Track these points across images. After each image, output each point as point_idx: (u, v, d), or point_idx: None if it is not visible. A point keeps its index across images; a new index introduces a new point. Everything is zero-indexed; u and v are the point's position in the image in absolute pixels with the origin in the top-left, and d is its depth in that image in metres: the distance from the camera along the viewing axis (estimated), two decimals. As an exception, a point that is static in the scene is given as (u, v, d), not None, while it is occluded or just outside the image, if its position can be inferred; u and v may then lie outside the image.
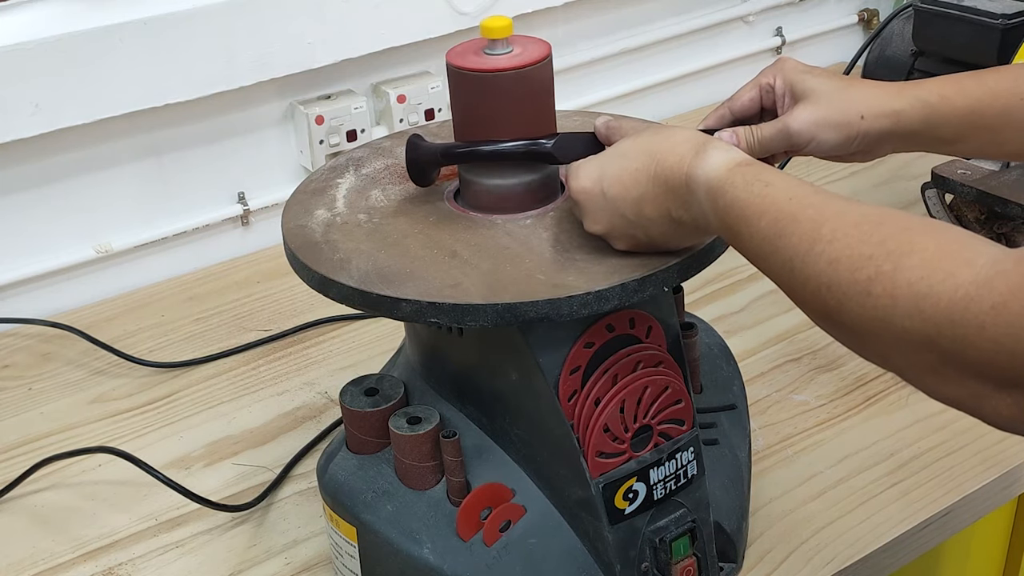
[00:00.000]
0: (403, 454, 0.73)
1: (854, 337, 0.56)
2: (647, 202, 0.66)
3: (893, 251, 0.53)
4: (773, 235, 0.59)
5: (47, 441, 1.00)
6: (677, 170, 0.65)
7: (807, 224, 0.57)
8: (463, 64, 0.73)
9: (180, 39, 1.17)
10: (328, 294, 0.70)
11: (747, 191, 0.61)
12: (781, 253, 0.58)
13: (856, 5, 1.77)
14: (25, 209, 1.19)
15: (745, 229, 0.61)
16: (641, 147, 0.67)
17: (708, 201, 0.63)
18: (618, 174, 0.67)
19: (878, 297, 0.52)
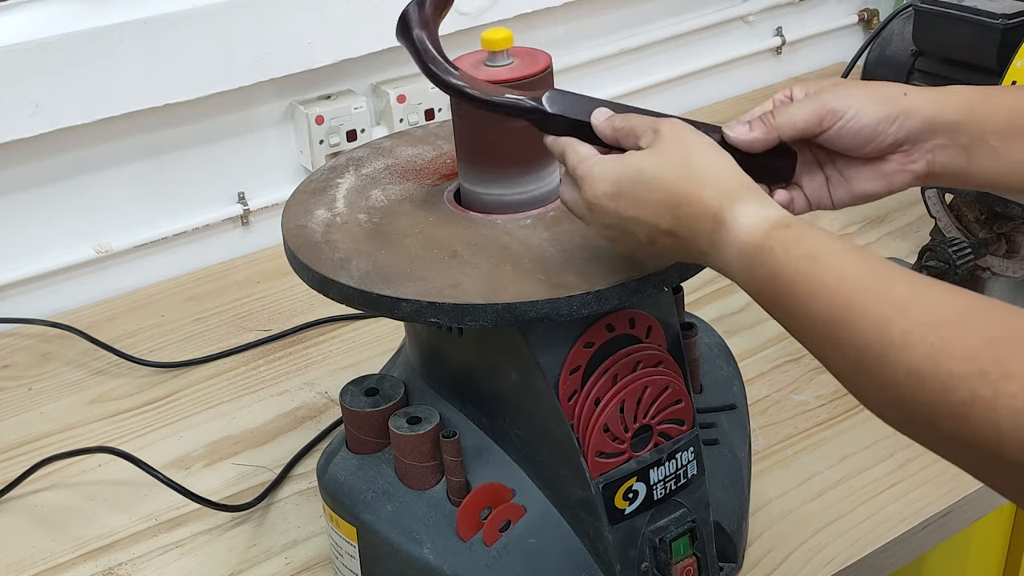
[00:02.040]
0: (403, 454, 0.73)
1: (948, 453, 0.50)
2: (664, 235, 0.62)
3: (987, 373, 0.47)
4: (829, 323, 0.53)
5: (47, 441, 1.00)
6: (702, 220, 0.60)
7: (870, 320, 0.51)
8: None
9: (180, 39, 1.17)
10: (328, 294, 0.70)
11: (789, 265, 0.55)
12: (844, 349, 0.52)
13: (856, 5, 1.77)
14: (25, 209, 1.19)
15: (793, 309, 0.55)
16: (664, 179, 0.62)
17: (739, 263, 0.58)
18: (635, 197, 0.62)
19: (978, 424, 0.47)
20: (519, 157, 0.74)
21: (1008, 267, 1.04)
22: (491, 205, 0.75)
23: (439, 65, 0.68)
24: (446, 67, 0.68)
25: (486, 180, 0.75)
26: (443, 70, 0.68)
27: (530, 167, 0.75)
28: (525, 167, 0.75)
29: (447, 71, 0.68)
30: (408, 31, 0.69)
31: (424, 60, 0.69)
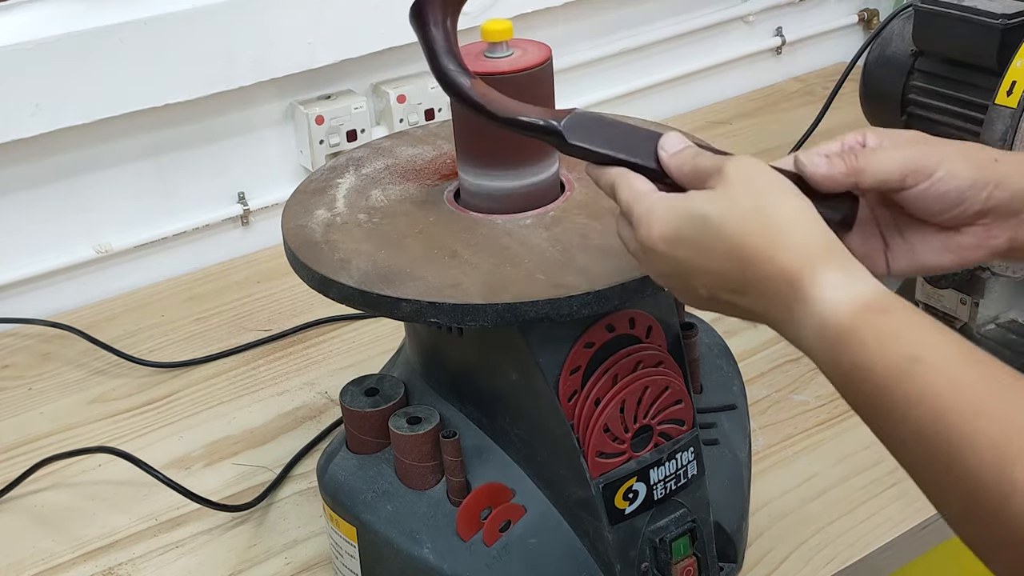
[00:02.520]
0: (403, 454, 0.73)
1: None
2: (729, 293, 0.56)
3: None
4: (933, 445, 0.46)
5: (47, 441, 1.00)
6: (776, 284, 0.52)
7: (988, 452, 0.43)
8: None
9: (180, 39, 1.17)
10: (328, 294, 0.70)
11: (885, 363, 0.47)
12: (952, 480, 0.45)
13: (856, 5, 1.77)
14: (25, 209, 1.19)
15: (887, 414, 0.48)
16: (732, 229, 0.54)
17: (820, 344, 0.51)
18: (697, 246, 0.55)
19: None
20: (519, 146, 0.74)
21: (1008, 267, 1.04)
22: (491, 197, 0.75)
23: (453, 73, 0.64)
24: (461, 75, 0.63)
25: (486, 170, 0.75)
26: (458, 79, 0.63)
27: (530, 156, 0.75)
28: (525, 156, 0.74)
29: (462, 82, 0.63)
30: (424, 25, 0.64)
31: (439, 65, 0.63)
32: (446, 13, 0.65)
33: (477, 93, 0.63)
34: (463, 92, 0.63)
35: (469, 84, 0.63)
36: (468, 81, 0.63)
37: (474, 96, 0.63)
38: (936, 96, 1.11)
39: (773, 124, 1.54)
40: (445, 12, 0.65)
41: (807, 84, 1.67)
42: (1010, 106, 1.01)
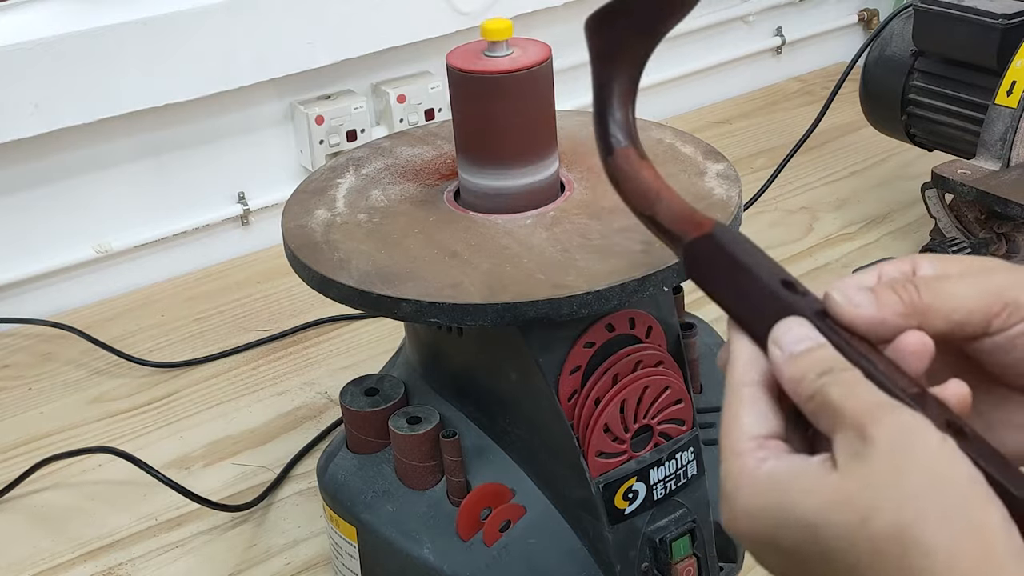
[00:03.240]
0: (403, 454, 0.73)
1: None
2: None
3: None
4: None
5: (47, 441, 1.00)
6: None
7: None
8: (463, 66, 0.73)
9: (180, 39, 1.17)
10: (328, 294, 0.70)
11: None
12: None
13: (856, 5, 1.77)
14: (25, 209, 1.19)
15: None
16: (854, 560, 0.36)
17: None
18: (797, 558, 0.39)
19: None
20: (519, 146, 0.74)
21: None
22: (491, 197, 0.75)
23: (614, 126, 0.53)
24: (620, 133, 0.53)
25: (485, 170, 0.75)
26: (614, 133, 0.53)
27: (530, 157, 0.74)
28: (525, 156, 0.74)
29: (613, 140, 0.52)
30: (607, 58, 0.52)
31: (606, 110, 0.53)
32: (633, 65, 0.53)
33: (617, 165, 0.52)
34: (606, 160, 0.52)
35: (620, 147, 0.52)
36: (621, 144, 0.52)
37: (612, 168, 0.52)
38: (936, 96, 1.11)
39: (773, 124, 1.55)
40: (632, 63, 0.53)
41: (807, 84, 1.67)
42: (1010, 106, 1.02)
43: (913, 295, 0.42)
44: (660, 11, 0.50)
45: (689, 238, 0.49)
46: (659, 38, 0.50)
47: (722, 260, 0.47)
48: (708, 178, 0.77)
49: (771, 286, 0.45)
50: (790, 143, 1.21)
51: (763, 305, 0.45)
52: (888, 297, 0.42)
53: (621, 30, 0.50)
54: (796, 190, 1.36)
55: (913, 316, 0.42)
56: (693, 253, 0.49)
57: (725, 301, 0.46)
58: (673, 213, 0.50)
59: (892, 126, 1.18)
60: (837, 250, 1.23)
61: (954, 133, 1.10)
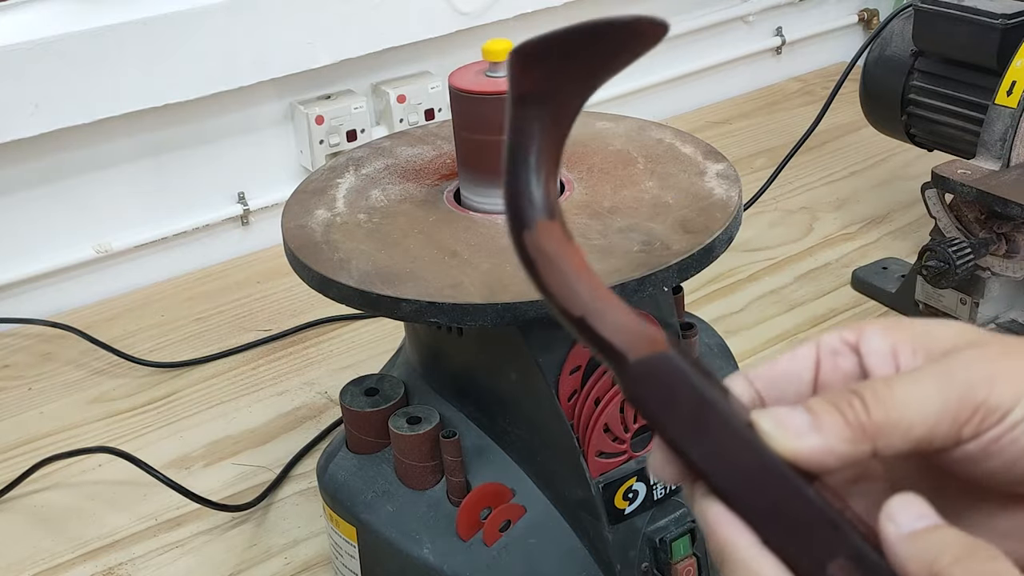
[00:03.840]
0: (403, 454, 0.73)
1: None
2: None
3: None
4: None
5: (47, 441, 1.00)
6: None
7: None
8: (465, 86, 0.73)
9: (180, 39, 1.17)
10: (328, 294, 0.70)
11: None
12: None
13: (856, 5, 1.77)
14: (25, 209, 1.19)
15: None
16: None
17: None
18: None
19: None
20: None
21: (1008, 267, 1.04)
22: (492, 211, 0.75)
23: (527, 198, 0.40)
24: (536, 209, 0.40)
25: (487, 189, 0.75)
26: (527, 210, 0.40)
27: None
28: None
29: (529, 216, 0.40)
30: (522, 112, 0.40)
31: (517, 176, 0.40)
32: (564, 116, 0.41)
33: (538, 245, 0.40)
34: (519, 236, 0.40)
35: (541, 220, 0.40)
36: (542, 217, 0.40)
37: (528, 248, 0.40)
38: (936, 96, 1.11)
39: (773, 124, 1.55)
40: (564, 113, 0.41)
41: (807, 84, 1.67)
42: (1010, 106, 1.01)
43: (861, 415, 0.35)
44: (611, 52, 0.39)
45: (637, 355, 0.38)
46: (598, 85, 0.40)
47: (681, 389, 0.38)
48: (708, 178, 0.77)
49: (741, 431, 0.36)
50: (790, 143, 1.21)
51: (734, 454, 0.36)
52: (830, 419, 0.35)
53: (558, 70, 0.40)
54: (796, 190, 1.36)
55: (864, 440, 0.35)
56: (640, 376, 0.38)
57: (680, 441, 0.37)
58: (613, 319, 0.40)
59: (892, 126, 1.18)
60: (837, 250, 1.23)
61: (954, 133, 1.10)
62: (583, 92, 0.40)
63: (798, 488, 0.35)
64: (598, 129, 0.86)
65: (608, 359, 0.39)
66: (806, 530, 0.35)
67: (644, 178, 0.78)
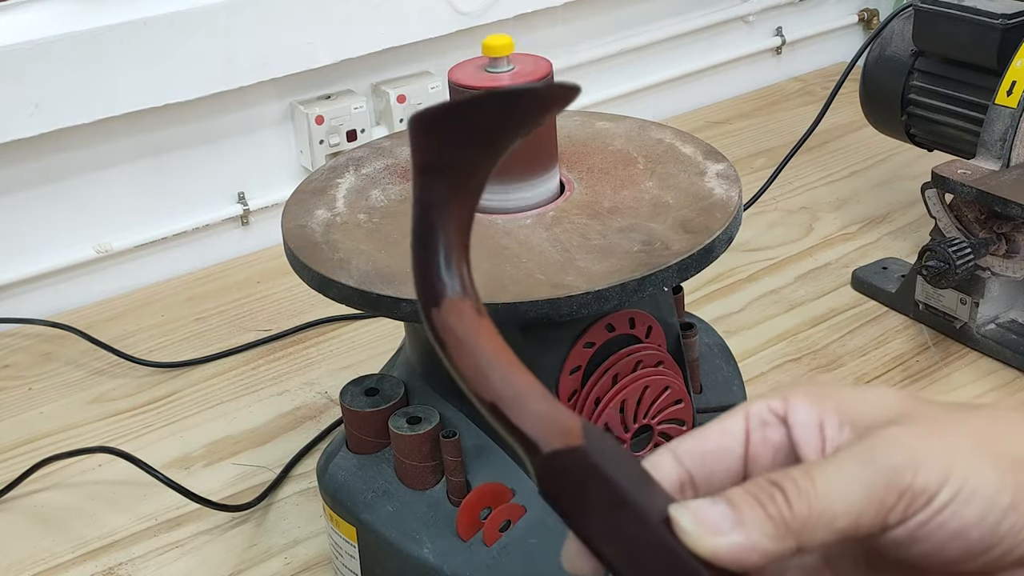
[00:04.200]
0: (403, 454, 0.73)
1: None
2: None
3: None
4: None
5: (47, 441, 1.00)
6: None
7: None
8: (465, 81, 0.73)
9: (180, 39, 1.17)
10: (328, 294, 0.70)
11: None
12: None
13: (856, 5, 1.77)
14: (25, 209, 1.19)
15: None
16: None
17: None
18: None
19: None
20: (520, 162, 0.74)
21: (1008, 267, 1.04)
22: (492, 210, 0.75)
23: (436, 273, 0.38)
24: (448, 279, 0.38)
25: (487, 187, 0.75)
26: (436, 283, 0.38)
27: (531, 173, 0.75)
28: (526, 172, 0.74)
29: (440, 288, 0.38)
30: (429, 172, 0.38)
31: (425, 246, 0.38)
32: (471, 185, 0.39)
33: (446, 325, 0.38)
34: (428, 313, 0.38)
35: (452, 296, 0.38)
36: (453, 292, 0.38)
37: (437, 327, 0.38)
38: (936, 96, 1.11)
39: (773, 124, 1.55)
40: (470, 182, 0.39)
41: (807, 84, 1.67)
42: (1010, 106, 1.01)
43: (783, 510, 0.33)
44: (515, 120, 0.37)
45: (549, 448, 0.36)
46: (503, 153, 0.38)
47: (594, 485, 0.36)
48: (708, 178, 0.77)
49: (656, 531, 0.35)
50: (790, 143, 1.21)
51: (648, 555, 0.35)
52: (752, 514, 0.33)
53: (458, 139, 0.37)
54: (796, 190, 1.36)
55: (788, 536, 0.33)
56: (553, 470, 0.36)
57: (592, 540, 0.36)
58: (526, 407, 0.37)
59: (892, 126, 1.18)
60: (837, 250, 1.23)
61: (954, 133, 1.10)
62: (488, 161, 0.38)
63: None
64: (598, 129, 0.86)
65: (520, 447, 0.37)
66: None
67: (644, 178, 0.78)
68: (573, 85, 0.35)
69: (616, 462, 0.36)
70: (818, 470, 0.34)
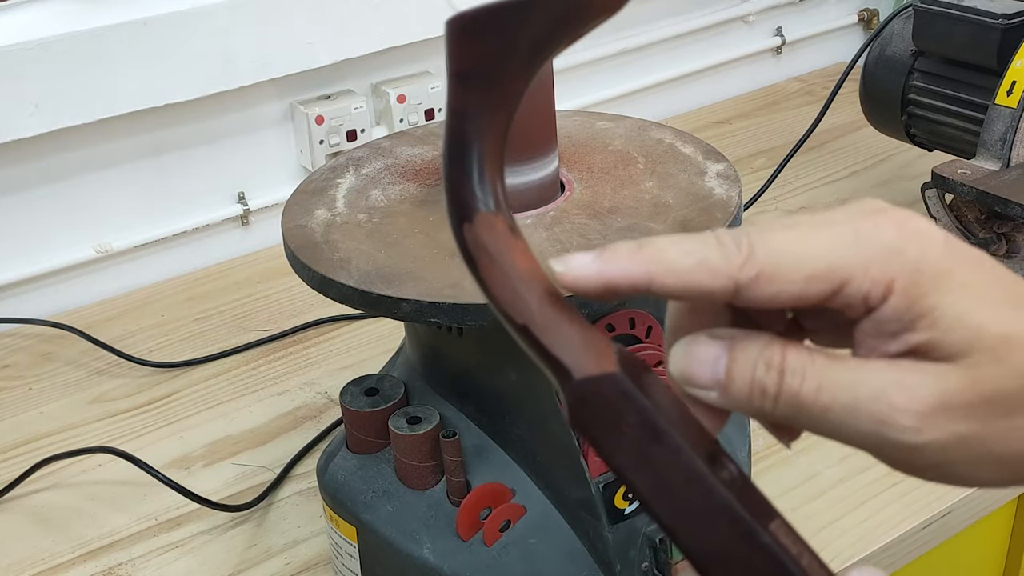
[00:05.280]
0: (403, 454, 0.73)
1: None
2: None
3: None
4: None
5: (47, 441, 1.00)
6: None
7: None
8: None
9: (180, 39, 1.17)
10: (328, 294, 0.70)
11: None
12: None
13: (856, 5, 1.77)
14: (25, 209, 1.19)
15: None
16: None
17: None
18: None
19: None
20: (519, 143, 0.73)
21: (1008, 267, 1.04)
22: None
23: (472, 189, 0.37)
24: (482, 198, 0.37)
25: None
26: (471, 200, 0.37)
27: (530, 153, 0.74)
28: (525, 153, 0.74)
29: (473, 207, 0.38)
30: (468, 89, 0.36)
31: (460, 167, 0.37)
32: (510, 95, 0.37)
33: (478, 240, 0.38)
34: (459, 229, 0.38)
35: (485, 211, 0.37)
36: (487, 207, 0.37)
37: (468, 243, 0.38)
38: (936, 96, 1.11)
39: (773, 124, 1.55)
40: (510, 92, 0.37)
41: (807, 84, 1.67)
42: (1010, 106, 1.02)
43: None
44: (559, 24, 0.36)
45: (583, 374, 0.35)
46: (545, 61, 0.37)
47: (629, 414, 0.34)
48: (708, 178, 0.77)
49: (691, 465, 0.34)
50: (790, 143, 1.21)
51: (682, 489, 0.34)
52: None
53: (500, 44, 0.35)
54: (796, 190, 1.36)
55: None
56: (584, 397, 0.35)
57: (624, 470, 0.35)
58: (559, 330, 0.36)
59: (892, 126, 1.18)
60: (837, 250, 1.23)
61: (954, 133, 1.10)
62: (528, 69, 0.36)
63: (750, 529, 0.33)
64: (598, 129, 0.86)
65: (552, 373, 0.36)
66: (756, 575, 0.33)
67: (644, 178, 0.78)
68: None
69: (651, 391, 0.35)
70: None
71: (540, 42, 0.36)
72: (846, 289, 0.35)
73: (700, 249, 0.36)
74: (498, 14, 0.35)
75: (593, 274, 0.36)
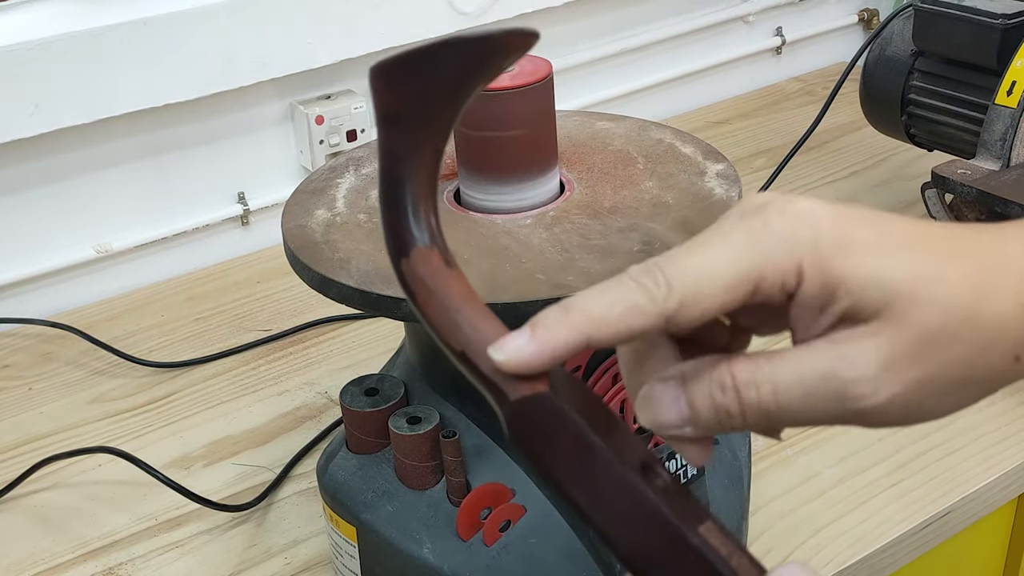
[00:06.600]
0: (403, 454, 0.73)
1: None
2: None
3: None
4: None
5: (47, 441, 1.00)
6: None
7: None
8: None
9: (180, 39, 1.17)
10: (328, 294, 0.70)
11: None
12: None
13: (856, 5, 1.77)
14: (25, 209, 1.19)
15: None
16: None
17: None
18: None
19: None
20: (520, 163, 0.74)
21: (1008, 267, 1.04)
22: (492, 210, 0.75)
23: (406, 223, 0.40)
24: (417, 230, 0.41)
25: (486, 186, 0.75)
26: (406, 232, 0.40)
27: (531, 172, 0.75)
28: (526, 172, 0.74)
29: (410, 239, 0.41)
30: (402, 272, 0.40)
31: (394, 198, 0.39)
32: (437, 133, 0.40)
33: (415, 274, 0.40)
34: (397, 263, 0.40)
35: (420, 246, 0.39)
36: (422, 242, 0.40)
37: (406, 277, 0.40)
38: (936, 96, 1.11)
39: (773, 124, 1.55)
40: (437, 130, 0.40)
41: (807, 84, 1.67)
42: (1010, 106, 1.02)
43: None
44: (477, 66, 0.37)
45: (517, 395, 0.37)
46: (466, 99, 0.38)
47: (561, 430, 0.36)
48: (708, 178, 0.77)
49: (623, 476, 0.35)
50: (790, 143, 1.21)
51: (616, 499, 0.35)
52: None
53: (421, 86, 0.38)
54: (796, 190, 1.36)
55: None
56: (520, 416, 0.37)
57: (561, 485, 0.36)
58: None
59: (892, 126, 1.18)
60: (837, 250, 1.23)
61: (954, 133, 1.10)
62: (450, 108, 0.39)
63: (680, 533, 0.35)
64: (598, 129, 0.86)
65: (489, 395, 0.38)
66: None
67: (644, 178, 0.78)
68: (530, 31, 0.36)
69: (582, 407, 0.37)
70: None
71: (457, 82, 0.38)
72: (763, 286, 0.38)
73: (623, 296, 0.38)
74: (414, 60, 0.38)
75: (533, 354, 0.38)
